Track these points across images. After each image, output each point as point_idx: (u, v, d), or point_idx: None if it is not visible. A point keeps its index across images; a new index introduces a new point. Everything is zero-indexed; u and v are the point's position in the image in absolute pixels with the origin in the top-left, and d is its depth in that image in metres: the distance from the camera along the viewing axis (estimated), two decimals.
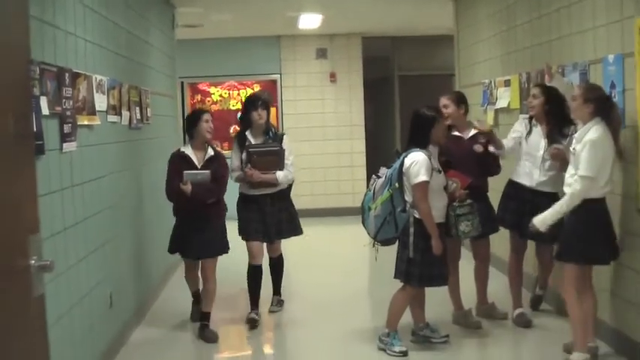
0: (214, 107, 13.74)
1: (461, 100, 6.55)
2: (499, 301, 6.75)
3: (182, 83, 13.48)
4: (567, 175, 5.38)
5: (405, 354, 5.79)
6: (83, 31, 5.44)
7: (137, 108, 7.09)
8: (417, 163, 5.59)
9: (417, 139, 5.77)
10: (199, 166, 6.31)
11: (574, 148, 5.30)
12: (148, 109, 7.62)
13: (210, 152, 6.39)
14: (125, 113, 6.58)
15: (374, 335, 6.17)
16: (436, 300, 6.52)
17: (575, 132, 5.49)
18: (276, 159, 6.72)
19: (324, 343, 6.39)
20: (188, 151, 6.39)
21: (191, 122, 6.43)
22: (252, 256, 6.82)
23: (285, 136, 6.92)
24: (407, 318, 6.04)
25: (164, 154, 8.68)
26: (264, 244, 6.96)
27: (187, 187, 6.15)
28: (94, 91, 5.56)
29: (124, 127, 6.62)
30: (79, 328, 5.10)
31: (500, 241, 7.07)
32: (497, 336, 6.35)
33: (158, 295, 7.87)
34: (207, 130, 6.36)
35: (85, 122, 5.30)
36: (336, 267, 9.63)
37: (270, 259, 7.22)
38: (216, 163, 6.37)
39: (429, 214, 5.60)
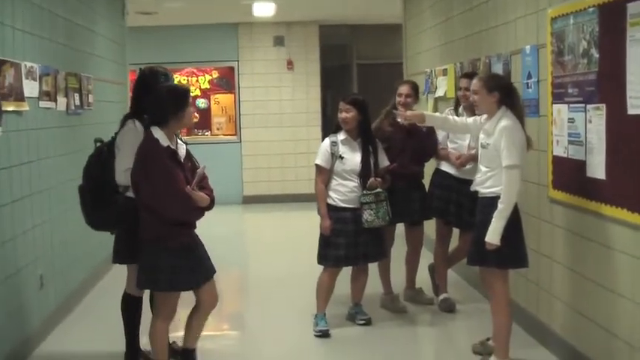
0: None
1: (418, 90, 6.65)
2: (427, 286, 6.92)
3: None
4: (478, 175, 5.13)
5: (324, 334, 6.00)
6: (11, 20, 5.55)
7: (76, 94, 7.18)
8: (319, 147, 6.04)
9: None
10: (183, 163, 4.79)
11: (486, 143, 5.02)
12: (90, 96, 7.71)
13: (181, 143, 4.88)
14: (61, 99, 6.68)
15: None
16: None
17: None
18: None
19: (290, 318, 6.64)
20: (165, 141, 4.68)
21: (176, 103, 4.74)
22: None
23: None
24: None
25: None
26: None
27: (201, 194, 4.70)
28: (23, 77, 5.66)
29: (61, 112, 6.71)
30: (5, 307, 5.26)
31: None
32: (422, 320, 6.55)
33: (95, 283, 7.79)
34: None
35: (11, 108, 5.41)
36: (291, 251, 9.75)
37: None
38: (191, 156, 4.96)
39: (319, 194, 5.99)
